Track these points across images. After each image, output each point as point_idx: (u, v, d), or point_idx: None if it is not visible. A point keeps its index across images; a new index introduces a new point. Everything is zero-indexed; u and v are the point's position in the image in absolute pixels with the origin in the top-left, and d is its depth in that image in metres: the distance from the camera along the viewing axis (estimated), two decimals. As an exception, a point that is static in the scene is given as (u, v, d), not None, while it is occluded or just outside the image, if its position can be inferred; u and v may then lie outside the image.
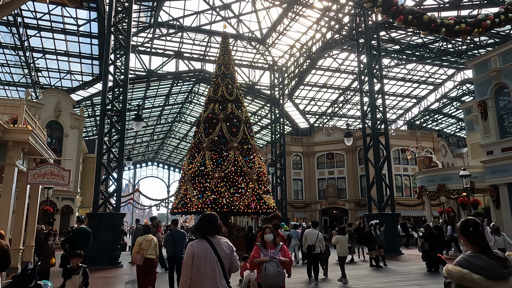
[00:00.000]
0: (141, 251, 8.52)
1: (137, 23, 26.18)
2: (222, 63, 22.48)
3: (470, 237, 2.73)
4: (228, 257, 3.70)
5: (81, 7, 11.21)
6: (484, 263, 2.53)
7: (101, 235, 14.36)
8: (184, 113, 47.00)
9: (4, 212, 9.86)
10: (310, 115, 43.21)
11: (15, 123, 10.31)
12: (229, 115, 20.66)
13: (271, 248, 5.35)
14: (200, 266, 3.54)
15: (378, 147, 19.73)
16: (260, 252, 5.31)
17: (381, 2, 8.75)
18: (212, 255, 3.59)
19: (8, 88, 31.86)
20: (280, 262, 5.22)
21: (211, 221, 3.79)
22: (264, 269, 5.18)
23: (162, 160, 71.95)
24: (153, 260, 8.70)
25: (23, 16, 23.80)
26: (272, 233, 5.44)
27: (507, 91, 18.46)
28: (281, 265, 5.23)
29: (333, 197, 37.07)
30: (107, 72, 17.09)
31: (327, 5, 23.67)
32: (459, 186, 19.72)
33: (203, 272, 3.53)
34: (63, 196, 26.77)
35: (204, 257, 3.56)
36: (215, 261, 3.58)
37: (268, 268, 5.16)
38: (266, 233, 5.42)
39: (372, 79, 20.23)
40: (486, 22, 9.29)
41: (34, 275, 5.42)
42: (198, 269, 3.54)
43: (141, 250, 8.53)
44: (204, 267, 3.54)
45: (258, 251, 5.34)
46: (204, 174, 19.02)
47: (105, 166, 16.76)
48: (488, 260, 2.55)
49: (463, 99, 39.81)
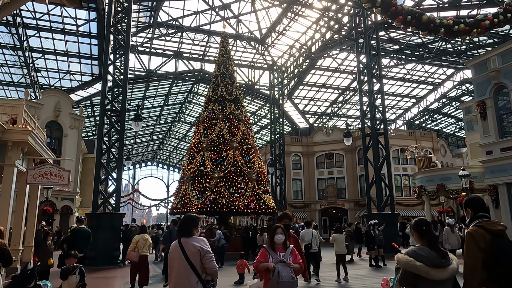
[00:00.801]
0: (136, 249, 9.14)
1: (137, 23, 26.17)
2: (221, 63, 22.49)
3: (421, 233, 3.31)
4: (196, 256, 3.94)
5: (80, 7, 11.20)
6: (426, 253, 3.11)
7: (100, 235, 14.37)
8: (184, 113, 47.00)
9: (4, 212, 9.85)
10: (310, 115, 43.23)
11: (15, 123, 10.30)
12: (228, 115, 20.66)
13: (281, 251, 4.58)
14: (171, 264, 4.02)
15: (378, 147, 19.75)
16: (268, 255, 4.53)
17: (380, 3, 8.75)
18: (180, 254, 3.96)
19: (7, 88, 31.85)
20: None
21: (184, 223, 4.17)
22: (277, 275, 4.35)
23: (162, 160, 71.92)
24: (147, 257, 9.45)
25: (23, 16, 23.79)
26: (284, 234, 4.71)
27: (506, 91, 18.48)
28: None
29: (333, 197, 37.08)
30: (106, 72, 17.09)
31: (327, 5, 23.69)
32: (459, 186, 19.75)
33: (173, 269, 4.00)
34: (63, 196, 26.76)
35: (173, 257, 4.01)
36: (183, 260, 3.93)
37: (282, 274, 4.35)
38: (278, 234, 4.66)
39: (371, 79, 20.25)
40: (485, 23, 9.29)
41: (34, 276, 5.43)
42: (171, 267, 4.04)
43: (137, 248, 9.15)
44: (172, 265, 4.01)
45: (265, 254, 4.56)
46: (203, 174, 19.02)
47: (105, 166, 16.76)
48: (430, 251, 3.13)
49: (462, 99, 39.85)
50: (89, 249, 10.98)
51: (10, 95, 32.28)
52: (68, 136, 27.22)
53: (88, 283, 10.65)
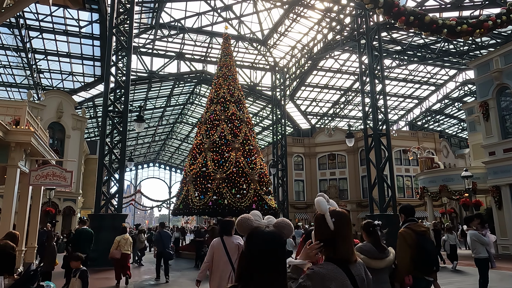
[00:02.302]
0: (118, 248, 10.59)
1: (139, 24, 26.23)
2: (223, 64, 22.50)
3: (368, 233, 4.25)
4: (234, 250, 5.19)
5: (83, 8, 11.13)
6: (368, 248, 4.11)
7: (103, 236, 14.36)
8: (186, 114, 47.04)
9: (7, 213, 9.88)
10: (312, 116, 43.19)
11: (18, 124, 10.34)
12: (230, 116, 20.66)
13: None
14: (216, 255, 5.25)
15: (380, 148, 19.69)
16: None
17: (383, 4, 8.75)
18: (222, 248, 5.21)
19: (10, 90, 31.95)
20: None
21: (225, 225, 5.49)
22: None
23: (164, 161, 71.98)
24: (128, 255, 10.98)
25: (25, 18, 23.88)
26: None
27: (509, 91, 18.43)
28: None
29: (335, 198, 36.95)
30: (108, 74, 17.11)
31: (328, 6, 23.67)
32: (461, 187, 19.69)
33: (218, 259, 5.20)
34: (65, 197, 26.81)
35: (217, 250, 5.25)
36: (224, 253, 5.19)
37: None
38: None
39: (373, 80, 20.20)
40: (488, 23, 9.28)
41: (37, 276, 5.43)
42: (216, 257, 5.22)
43: (119, 247, 10.60)
44: (218, 256, 5.22)
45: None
46: (205, 175, 19.02)
47: (107, 167, 16.78)
48: (372, 247, 4.12)
49: (465, 99, 39.75)
50: (92, 250, 11.00)
51: (13, 96, 32.39)
52: (71, 137, 27.27)
53: (90, 284, 10.69)
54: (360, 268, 2.23)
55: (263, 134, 47.33)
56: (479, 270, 7.84)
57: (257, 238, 1.86)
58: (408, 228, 4.35)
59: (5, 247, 3.52)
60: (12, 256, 3.48)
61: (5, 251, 3.50)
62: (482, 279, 7.81)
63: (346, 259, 2.16)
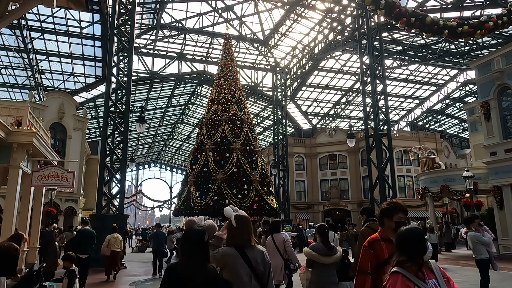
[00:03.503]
0: (109, 246, 11.44)
1: (140, 25, 26.27)
2: (224, 64, 22.52)
3: (320, 234, 5.47)
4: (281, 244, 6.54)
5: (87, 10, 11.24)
6: (319, 246, 5.31)
7: (104, 237, 14.39)
8: (187, 114, 47.08)
9: (9, 213, 9.92)
10: (313, 116, 43.20)
11: (20, 125, 10.37)
12: (231, 116, 20.67)
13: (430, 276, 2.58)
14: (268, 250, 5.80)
15: (381, 148, 19.69)
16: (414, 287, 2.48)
17: (384, 5, 8.76)
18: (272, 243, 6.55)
19: (12, 90, 32.02)
20: None
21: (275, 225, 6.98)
22: None
23: (165, 161, 72.03)
24: (118, 252, 11.79)
25: (27, 19, 23.92)
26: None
27: (510, 91, 18.43)
28: None
29: (336, 198, 37.03)
30: (110, 74, 17.15)
31: (329, 6, 23.69)
32: (462, 187, 19.68)
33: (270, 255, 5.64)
34: (67, 197, 26.84)
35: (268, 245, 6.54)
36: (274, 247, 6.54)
37: None
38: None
39: (374, 80, 20.21)
40: (489, 24, 9.29)
41: (40, 277, 5.47)
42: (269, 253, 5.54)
43: (109, 245, 11.45)
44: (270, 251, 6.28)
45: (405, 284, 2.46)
46: (207, 175, 19.03)
47: (108, 168, 16.82)
48: (322, 245, 5.31)
49: (466, 100, 39.72)
50: (94, 250, 11.04)
51: (15, 97, 32.47)
52: (72, 138, 27.29)
53: (92, 284, 10.73)
54: (257, 253, 3.22)
55: (264, 134, 47.34)
56: (480, 271, 7.91)
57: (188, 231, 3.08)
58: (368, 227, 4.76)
59: (9, 249, 3.54)
60: (15, 258, 3.51)
61: (9, 253, 3.52)
62: (484, 279, 7.87)
63: (241, 245, 3.18)
